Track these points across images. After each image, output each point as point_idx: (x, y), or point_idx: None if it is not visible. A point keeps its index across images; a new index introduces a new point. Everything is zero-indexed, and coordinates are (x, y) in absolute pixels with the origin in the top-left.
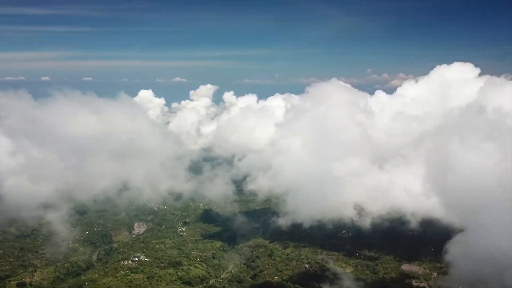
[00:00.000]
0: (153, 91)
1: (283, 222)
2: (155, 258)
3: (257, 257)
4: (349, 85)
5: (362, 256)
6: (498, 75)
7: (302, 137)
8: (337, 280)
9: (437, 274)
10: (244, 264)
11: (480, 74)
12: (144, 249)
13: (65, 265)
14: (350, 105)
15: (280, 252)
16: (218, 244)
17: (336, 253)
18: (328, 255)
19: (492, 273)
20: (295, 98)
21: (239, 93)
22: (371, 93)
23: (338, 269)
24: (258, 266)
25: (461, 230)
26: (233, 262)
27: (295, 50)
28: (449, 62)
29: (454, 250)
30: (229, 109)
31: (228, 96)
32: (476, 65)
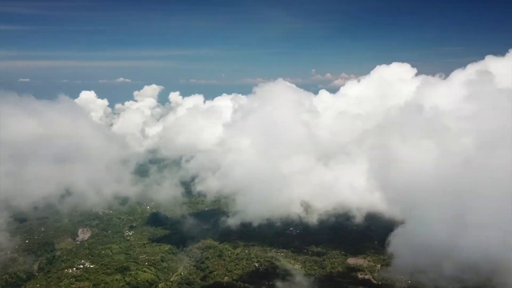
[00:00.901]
0: (95, 92)
1: (232, 222)
2: (101, 265)
3: (206, 258)
4: (294, 85)
5: (310, 252)
6: (433, 74)
7: (250, 136)
8: (286, 277)
9: (380, 266)
10: (194, 266)
11: (416, 74)
12: (90, 256)
13: (4, 276)
14: (296, 105)
15: (230, 252)
16: (167, 247)
17: (285, 250)
18: (277, 252)
19: (431, 263)
20: (242, 98)
21: (185, 93)
22: (316, 92)
23: (287, 266)
24: (208, 267)
25: (402, 223)
26: (182, 265)
27: (240, 50)
28: (388, 62)
29: (395, 242)
30: (175, 109)
31: (174, 96)
32: (413, 66)
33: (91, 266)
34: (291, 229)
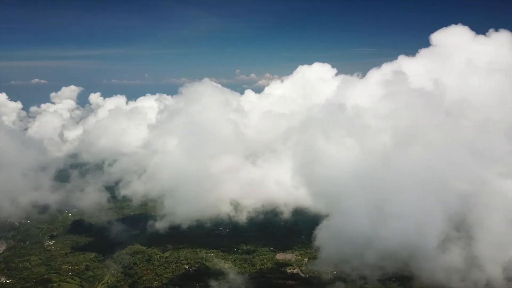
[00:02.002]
0: (7, 94)
1: (161, 225)
2: (20, 279)
3: (134, 264)
4: (219, 85)
5: (240, 250)
6: (351, 74)
7: (177, 137)
8: (216, 277)
9: (308, 259)
10: (122, 272)
11: (336, 74)
12: (5, 270)
13: None
14: (223, 105)
15: (159, 256)
16: (92, 255)
17: (215, 251)
18: (207, 253)
19: (354, 253)
20: (167, 99)
21: (106, 94)
22: (241, 92)
23: (218, 266)
24: (137, 273)
25: (327, 216)
26: (109, 272)
27: (164, 49)
28: (310, 62)
29: (321, 235)
30: (96, 111)
31: (95, 97)
32: (333, 66)
33: (8, 281)
34: (220, 228)
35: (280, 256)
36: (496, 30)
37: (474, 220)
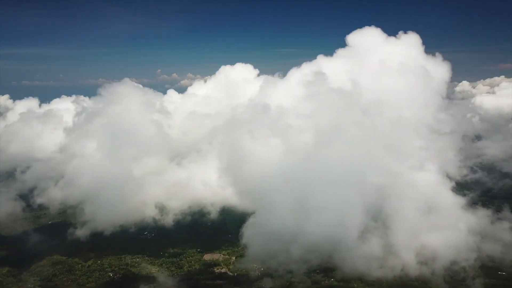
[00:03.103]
0: None
1: (82, 233)
2: None
3: (54, 275)
4: (140, 85)
5: (167, 254)
6: (273, 74)
7: (96, 140)
8: (143, 282)
9: (235, 258)
10: (40, 286)
11: (259, 74)
12: None
13: None
14: (146, 105)
15: (80, 265)
16: (5, 269)
17: (141, 256)
18: (132, 259)
19: (280, 248)
20: (85, 100)
21: (16, 96)
22: (164, 92)
23: (144, 271)
24: (57, 285)
25: (253, 214)
26: (26, 287)
27: (80, 49)
28: (232, 63)
29: (248, 233)
30: (5, 115)
31: (3, 100)
32: (255, 66)
33: None
34: (146, 233)
35: (207, 257)
36: (405, 32)
37: (389, 211)
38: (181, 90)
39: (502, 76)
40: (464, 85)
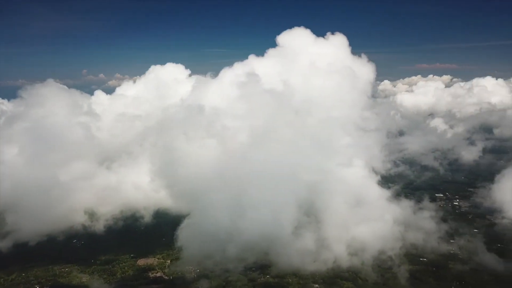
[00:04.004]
0: None
1: (3, 244)
2: None
3: None
4: (65, 87)
5: (98, 261)
6: (204, 74)
7: (18, 145)
8: None
9: (171, 261)
10: None
11: (190, 74)
12: None
13: None
14: (72, 107)
15: (2, 279)
16: None
17: (70, 265)
18: (61, 269)
19: (216, 248)
20: (4, 103)
21: None
22: (90, 93)
23: (74, 281)
24: None
25: (188, 215)
26: None
27: None
28: (162, 62)
29: (183, 235)
30: None
31: None
32: (186, 66)
33: None
34: (75, 241)
35: (141, 262)
36: (333, 33)
37: (321, 206)
38: (109, 91)
39: (419, 76)
40: (386, 84)
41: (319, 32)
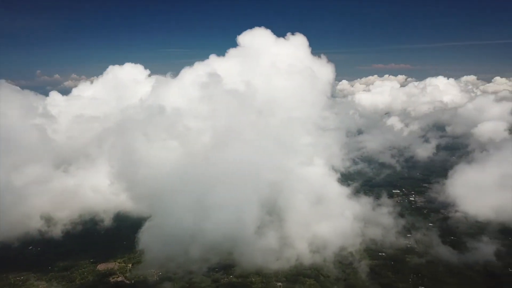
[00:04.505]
0: None
1: None
2: None
3: None
4: (18, 88)
5: (56, 268)
6: (164, 74)
7: None
8: None
9: (132, 265)
10: None
11: (150, 75)
12: None
13: None
14: (25, 109)
15: None
16: None
17: (26, 273)
18: (15, 277)
19: (179, 250)
20: None
21: None
22: (45, 94)
23: None
24: None
25: (150, 218)
26: None
27: None
28: (120, 63)
29: (145, 238)
30: None
31: None
32: (145, 67)
33: None
34: (31, 247)
35: (102, 267)
36: (293, 34)
37: (283, 204)
38: (65, 92)
39: (375, 76)
40: (344, 84)
41: (279, 32)
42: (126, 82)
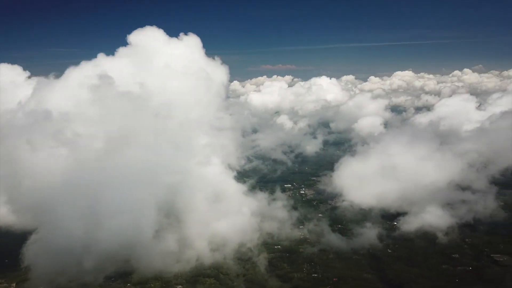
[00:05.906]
0: None
1: None
2: None
3: None
4: None
5: None
6: (46, 75)
7: None
8: None
9: (16, 284)
10: None
11: (29, 76)
12: None
13: None
14: None
15: None
16: None
17: None
18: None
19: (71, 262)
20: None
21: None
22: None
23: None
24: None
25: (36, 231)
26: None
27: None
28: None
29: (30, 252)
30: None
31: None
32: (24, 68)
33: None
34: None
35: None
36: (186, 34)
37: (181, 205)
38: None
39: (265, 76)
40: (236, 85)
41: (172, 32)
42: (2, 85)
